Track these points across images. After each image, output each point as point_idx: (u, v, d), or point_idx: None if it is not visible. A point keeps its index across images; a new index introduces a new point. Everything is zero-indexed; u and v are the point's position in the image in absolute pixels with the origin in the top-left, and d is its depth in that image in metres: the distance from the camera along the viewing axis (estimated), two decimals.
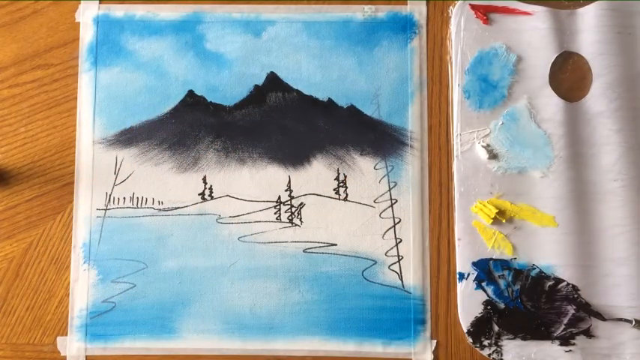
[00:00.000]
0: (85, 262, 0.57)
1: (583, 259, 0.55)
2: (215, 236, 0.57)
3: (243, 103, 0.59)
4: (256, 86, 0.59)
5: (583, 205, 0.56)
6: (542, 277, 0.56)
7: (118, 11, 0.60)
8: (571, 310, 0.55)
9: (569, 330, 0.55)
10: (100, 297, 0.57)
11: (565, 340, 0.55)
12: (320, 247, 0.57)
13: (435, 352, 0.56)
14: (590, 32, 0.58)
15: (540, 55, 0.58)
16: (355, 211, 0.57)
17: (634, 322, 0.54)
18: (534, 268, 0.56)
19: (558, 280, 0.55)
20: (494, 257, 0.56)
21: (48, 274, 0.57)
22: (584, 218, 0.56)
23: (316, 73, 0.59)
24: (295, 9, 0.60)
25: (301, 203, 0.57)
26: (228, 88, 0.59)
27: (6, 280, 0.57)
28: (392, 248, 0.57)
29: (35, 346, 0.57)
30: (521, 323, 0.55)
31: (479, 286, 0.56)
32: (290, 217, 0.57)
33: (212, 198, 0.58)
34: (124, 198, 0.58)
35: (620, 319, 0.55)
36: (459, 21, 0.59)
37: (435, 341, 0.56)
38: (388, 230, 0.57)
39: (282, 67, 0.59)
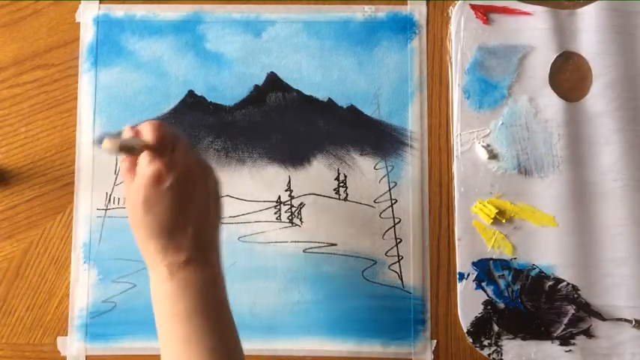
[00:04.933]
0: (85, 262, 0.57)
1: (583, 259, 0.55)
2: None
3: (243, 103, 0.59)
4: (256, 86, 0.59)
5: (583, 205, 0.56)
6: (542, 277, 0.56)
7: (118, 11, 0.60)
8: (571, 310, 0.55)
9: (569, 330, 0.55)
10: (100, 297, 0.57)
11: (565, 340, 0.55)
12: (320, 247, 0.57)
13: (435, 352, 0.56)
14: (590, 32, 0.58)
15: (540, 55, 0.58)
16: (355, 211, 0.57)
17: (634, 322, 0.54)
18: (534, 268, 0.56)
19: (558, 280, 0.55)
20: (494, 257, 0.56)
21: (48, 274, 0.57)
22: (584, 218, 0.56)
23: (316, 73, 0.59)
24: (295, 9, 0.60)
25: (301, 203, 0.57)
26: (228, 88, 0.59)
27: (6, 280, 0.57)
28: (392, 248, 0.57)
29: (35, 346, 0.57)
30: (521, 323, 0.55)
31: (479, 286, 0.56)
32: (290, 217, 0.57)
33: None
34: (124, 198, 0.58)
35: (620, 319, 0.55)
36: (459, 21, 0.59)
37: (435, 341, 0.56)
38: (388, 230, 0.57)
39: (282, 67, 0.59)
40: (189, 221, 0.41)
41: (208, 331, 0.41)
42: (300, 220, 0.57)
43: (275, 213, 0.57)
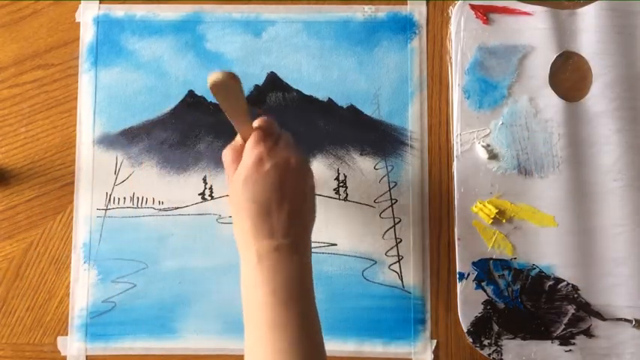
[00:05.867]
0: (85, 262, 0.57)
1: (583, 259, 0.55)
2: (215, 236, 0.57)
3: None
4: (256, 86, 0.59)
5: (583, 205, 0.56)
6: (542, 277, 0.56)
7: (118, 11, 0.60)
8: (571, 310, 0.55)
9: (569, 330, 0.55)
10: (100, 297, 0.57)
11: (565, 340, 0.55)
12: (320, 247, 0.57)
13: (435, 352, 0.56)
14: (590, 32, 0.58)
15: (540, 55, 0.58)
16: (355, 211, 0.57)
17: (634, 322, 0.54)
18: (534, 268, 0.56)
19: (558, 280, 0.55)
20: (494, 257, 0.56)
21: (48, 274, 0.57)
22: (584, 218, 0.56)
23: (316, 73, 0.59)
24: (295, 9, 0.60)
25: None
26: None
27: (6, 280, 0.57)
28: (392, 248, 0.57)
29: (35, 346, 0.57)
30: (521, 323, 0.55)
31: (479, 286, 0.56)
32: None
33: (212, 198, 0.58)
34: (124, 198, 0.58)
35: (620, 319, 0.55)
36: (459, 21, 0.59)
37: (435, 341, 0.56)
38: (388, 230, 0.57)
39: (282, 67, 0.59)
40: (283, 208, 0.43)
41: (294, 320, 0.42)
42: None
43: None
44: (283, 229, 0.43)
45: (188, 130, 0.58)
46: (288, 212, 0.43)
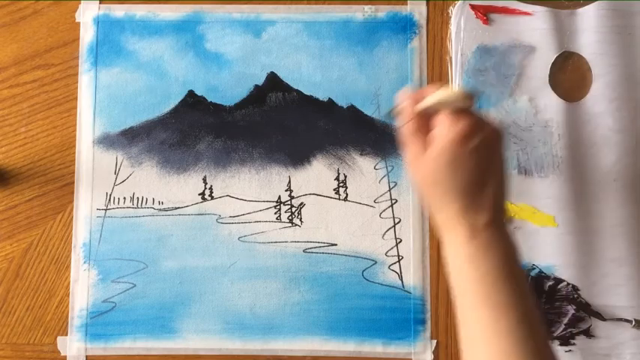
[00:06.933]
0: (85, 262, 0.57)
1: (583, 259, 0.55)
2: (215, 236, 0.57)
3: (243, 103, 0.59)
4: (256, 86, 0.59)
5: (583, 205, 0.56)
6: (542, 277, 0.56)
7: (118, 11, 0.60)
8: (571, 310, 0.55)
9: (569, 330, 0.55)
10: (100, 297, 0.57)
11: (565, 340, 0.55)
12: (320, 247, 0.57)
13: (435, 352, 0.56)
14: (590, 32, 0.58)
15: (540, 55, 0.58)
16: (355, 211, 0.57)
17: (634, 322, 0.54)
18: (534, 268, 0.56)
19: (558, 280, 0.55)
20: None
21: (48, 274, 0.57)
22: (584, 218, 0.56)
23: (316, 73, 0.59)
24: (295, 9, 0.60)
25: (301, 203, 0.57)
26: (228, 88, 0.59)
27: (6, 280, 0.57)
28: (392, 248, 0.57)
29: (35, 346, 0.57)
30: None
31: None
32: (290, 217, 0.57)
33: (212, 198, 0.58)
34: (124, 198, 0.58)
35: (620, 319, 0.55)
36: (459, 21, 0.59)
37: (435, 341, 0.56)
38: (388, 230, 0.57)
39: (282, 67, 0.59)
40: (489, 183, 0.41)
41: (516, 296, 0.39)
42: (300, 220, 0.57)
43: (275, 213, 0.57)
44: (491, 205, 0.41)
45: (188, 130, 0.58)
46: (493, 187, 0.41)
